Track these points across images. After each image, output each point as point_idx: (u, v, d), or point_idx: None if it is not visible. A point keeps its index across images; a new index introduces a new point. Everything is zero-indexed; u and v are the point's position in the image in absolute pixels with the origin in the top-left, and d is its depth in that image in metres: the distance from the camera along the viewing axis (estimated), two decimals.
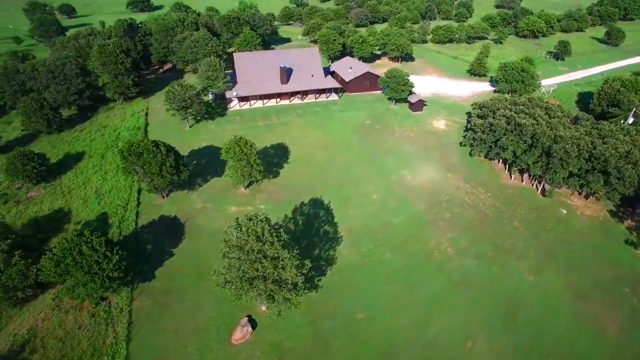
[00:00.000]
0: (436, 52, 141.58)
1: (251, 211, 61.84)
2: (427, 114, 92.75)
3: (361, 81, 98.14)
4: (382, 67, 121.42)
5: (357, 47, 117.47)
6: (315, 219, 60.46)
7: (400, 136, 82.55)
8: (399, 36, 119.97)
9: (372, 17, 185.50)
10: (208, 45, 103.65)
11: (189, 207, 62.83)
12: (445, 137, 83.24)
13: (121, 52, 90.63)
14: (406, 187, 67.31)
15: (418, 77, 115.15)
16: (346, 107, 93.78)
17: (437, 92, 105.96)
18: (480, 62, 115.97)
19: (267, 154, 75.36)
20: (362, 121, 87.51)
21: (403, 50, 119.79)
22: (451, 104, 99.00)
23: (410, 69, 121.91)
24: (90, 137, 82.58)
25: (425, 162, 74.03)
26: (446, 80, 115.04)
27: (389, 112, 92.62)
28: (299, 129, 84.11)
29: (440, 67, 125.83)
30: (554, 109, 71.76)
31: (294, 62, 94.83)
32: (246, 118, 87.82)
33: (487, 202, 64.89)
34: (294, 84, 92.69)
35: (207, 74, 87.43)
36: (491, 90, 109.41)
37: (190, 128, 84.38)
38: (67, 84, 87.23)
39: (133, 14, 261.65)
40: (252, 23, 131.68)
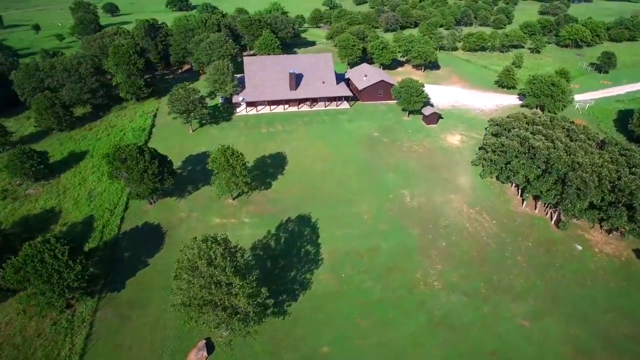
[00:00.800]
0: (465, 61, 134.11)
1: (235, 224, 59.81)
2: (442, 128, 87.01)
3: (375, 90, 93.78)
4: (404, 75, 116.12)
5: (377, 54, 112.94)
6: (298, 238, 57.23)
7: (408, 151, 77.60)
8: (422, 43, 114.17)
9: (403, 21, 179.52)
10: (223, 48, 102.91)
11: (174, 215, 61.45)
12: (457, 154, 77.41)
13: (134, 52, 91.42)
14: (403, 208, 62.61)
15: (440, 87, 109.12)
16: (356, 116, 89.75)
17: (458, 104, 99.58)
18: (509, 73, 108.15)
19: (263, 164, 73.02)
20: (370, 133, 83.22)
21: (426, 58, 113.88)
22: (471, 118, 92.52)
23: (434, 77, 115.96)
24: (97, 136, 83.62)
25: (429, 182, 68.83)
26: (470, 92, 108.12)
27: (401, 124, 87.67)
28: (302, 138, 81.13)
29: (466, 76, 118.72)
30: (577, 131, 64.45)
31: (305, 67, 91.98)
32: (250, 124, 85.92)
33: (491, 230, 59.04)
34: (303, 91, 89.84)
35: (215, 77, 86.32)
36: (518, 104, 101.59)
37: (193, 132, 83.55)
38: (81, 83, 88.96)
39: (171, 13, 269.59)
40: (275, 26, 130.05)
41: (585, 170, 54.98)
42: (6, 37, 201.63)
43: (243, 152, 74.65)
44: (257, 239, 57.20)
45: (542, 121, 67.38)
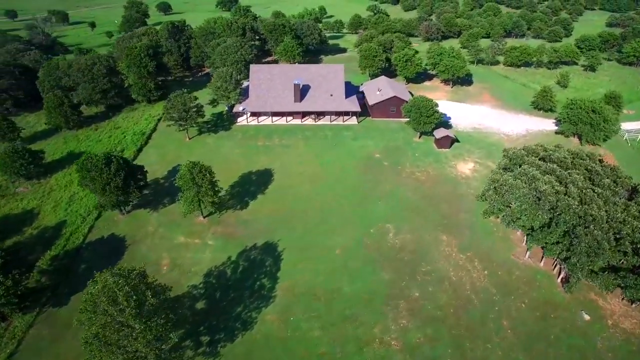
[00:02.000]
0: (503, 77, 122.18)
1: (198, 245, 56.47)
2: (455, 153, 78.36)
3: (387, 106, 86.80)
4: (429, 90, 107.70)
5: (400, 66, 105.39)
6: (257, 268, 52.63)
7: (408, 178, 70.21)
8: (451, 56, 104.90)
9: (446, 31, 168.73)
10: (237, 53, 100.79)
11: (141, 229, 59.28)
12: (463, 186, 68.86)
13: (146, 55, 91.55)
14: (382, 245, 55.87)
15: (465, 106, 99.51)
16: (362, 134, 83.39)
17: (481, 126, 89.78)
18: (546, 94, 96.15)
19: (248, 180, 69.24)
20: (372, 153, 76.62)
21: (454, 73, 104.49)
22: (492, 144, 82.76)
23: (462, 94, 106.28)
24: (99, 137, 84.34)
25: (421, 216, 61.29)
26: (500, 112, 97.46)
27: (409, 145, 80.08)
28: (297, 154, 76.42)
29: (499, 95, 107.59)
30: (601, 173, 53.98)
31: (313, 78, 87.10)
32: (248, 135, 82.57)
33: (479, 283, 50.76)
34: (308, 103, 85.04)
35: (217, 85, 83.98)
36: (553, 130, 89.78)
37: (190, 140, 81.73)
38: (94, 83, 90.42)
39: (221, 13, 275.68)
40: (300, 31, 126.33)
41: (599, 226, 45.33)
42: (67, 34, 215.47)
43: (233, 165, 72.78)
44: (215, 265, 53.41)
45: (559, 158, 57.27)
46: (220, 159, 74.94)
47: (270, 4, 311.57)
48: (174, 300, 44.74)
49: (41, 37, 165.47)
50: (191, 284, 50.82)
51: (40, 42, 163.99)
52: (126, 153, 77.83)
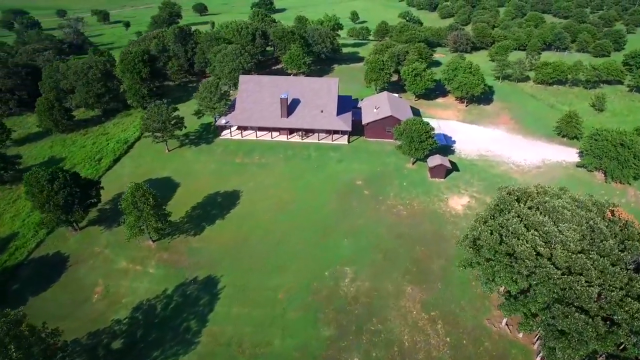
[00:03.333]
0: (529, 96, 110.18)
1: (138, 273, 52.57)
2: (450, 184, 69.67)
3: (382, 126, 79.29)
4: (441, 107, 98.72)
5: (409, 81, 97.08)
6: (191, 306, 47.67)
7: (388, 212, 62.65)
8: (466, 72, 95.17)
9: (477, 42, 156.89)
10: (236, 61, 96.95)
11: (87, 249, 56.20)
12: (450, 225, 60.39)
13: (140, 61, 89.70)
14: (333, 292, 49.09)
15: (477, 128, 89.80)
16: (350, 156, 76.49)
17: (490, 153, 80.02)
18: (571, 120, 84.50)
19: (213, 201, 64.63)
20: (354, 180, 69.61)
21: (468, 91, 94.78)
22: (497, 175, 73.14)
23: (476, 114, 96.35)
24: (84, 143, 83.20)
25: (389, 260, 53.77)
26: (515, 138, 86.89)
27: (399, 172, 72.23)
28: (273, 175, 70.93)
29: (520, 117, 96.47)
30: (605, 232, 44.13)
31: (304, 92, 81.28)
32: (229, 150, 78.14)
33: (436, 354, 42.79)
34: (295, 119, 79.32)
35: (203, 95, 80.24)
36: (575, 162, 78.36)
37: (169, 152, 78.48)
38: (88, 87, 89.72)
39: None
40: (312, 39, 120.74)
41: (586, 305, 36.31)
42: (104, 32, 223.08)
43: (203, 183, 68.56)
44: (148, 297, 49.09)
45: (557, 206, 47.68)
46: (191, 176, 71.14)
47: (305, 7, 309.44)
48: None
49: (72, 37, 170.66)
50: (117, 317, 46.71)
51: (71, 42, 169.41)
52: (103, 162, 76.01)
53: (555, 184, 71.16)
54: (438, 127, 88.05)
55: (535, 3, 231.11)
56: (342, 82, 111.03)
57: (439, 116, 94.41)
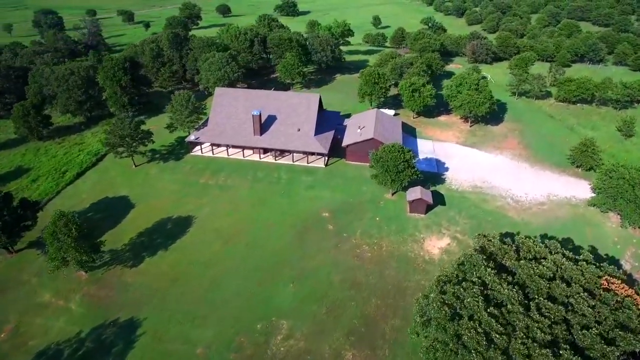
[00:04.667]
0: (547, 116, 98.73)
1: (58, 308, 48.35)
2: (431, 222, 61.13)
3: (364, 149, 71.49)
4: (443, 128, 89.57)
5: (406, 96, 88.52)
6: (98, 356, 42.20)
7: (349, 253, 55.08)
8: (472, 89, 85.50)
9: (500, 52, 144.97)
10: (221, 70, 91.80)
11: (15, 276, 52.22)
12: (419, 274, 52.14)
13: (120, 69, 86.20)
14: (257, 352, 42.21)
15: (477, 153, 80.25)
16: (322, 182, 69.22)
17: (485, 184, 70.54)
18: (587, 148, 73.50)
19: (162, 228, 59.45)
20: (320, 211, 62.43)
21: (471, 110, 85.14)
22: (489, 212, 63.88)
23: (480, 136, 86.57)
24: (56, 152, 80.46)
25: (333, 315, 46.28)
26: (521, 167, 76.70)
27: (374, 204, 64.32)
28: (234, 200, 64.88)
29: (530, 141, 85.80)
30: (589, 316, 34.81)
31: (281, 108, 74.82)
32: (195, 169, 72.82)
33: None
34: (269, 138, 72.97)
35: (174, 108, 75.48)
36: (587, 199, 67.65)
37: (135, 167, 74.13)
38: (68, 94, 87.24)
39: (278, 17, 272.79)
40: (312, 47, 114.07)
41: None
42: (125, 33, 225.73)
43: (158, 206, 63.52)
44: (59, 340, 44.33)
45: (534, 275, 38.64)
46: (150, 196, 66.34)
47: (330, 10, 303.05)
48: None
49: (88, 38, 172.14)
50: None
51: (86, 42, 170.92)
52: (67, 175, 72.67)
53: (558, 227, 61.50)
54: (432, 150, 79.28)
55: (572, 10, 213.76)
56: (339, 95, 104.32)
57: (437, 137, 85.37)
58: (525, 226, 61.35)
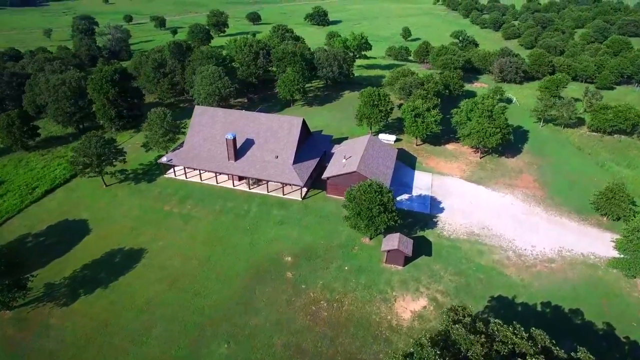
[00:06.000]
0: (574, 148, 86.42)
1: None
2: (408, 277, 52.33)
3: (346, 182, 63.49)
4: (449, 158, 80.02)
5: (408, 122, 79.67)
6: None
7: (303, 309, 47.38)
8: (483, 116, 75.42)
9: (533, 71, 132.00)
10: (213, 85, 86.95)
11: None
12: (377, 344, 43.63)
13: (107, 82, 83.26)
14: None
15: (482, 190, 70.31)
16: (294, 218, 61.83)
17: (484, 231, 60.62)
18: (614, 195, 61.81)
19: (109, 261, 54.64)
20: (283, 254, 55.13)
21: (480, 141, 75.05)
22: (483, 268, 54.16)
23: (490, 171, 76.34)
24: (34, 165, 78.28)
25: None
26: (533, 211, 65.92)
27: (346, 250, 56.19)
28: (193, 234, 58.95)
29: (550, 178, 74.45)
30: None
31: (261, 132, 68.45)
32: (164, 194, 67.71)
33: None
34: (244, 164, 66.69)
35: (149, 126, 71.04)
36: (609, 258, 56.25)
37: (106, 187, 70.15)
38: (57, 105, 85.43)
39: (307, 26, 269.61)
40: (318, 62, 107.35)
41: None
42: (154, 39, 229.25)
43: (113, 234, 59.12)
44: None
45: None
46: (110, 221, 61.87)
47: (362, 19, 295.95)
48: None
49: (111, 44, 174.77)
50: None
51: (110, 48, 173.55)
52: (37, 191, 69.78)
53: (566, 293, 51.03)
54: (429, 185, 70.03)
55: (623, 24, 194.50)
56: (340, 114, 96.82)
57: (439, 169, 75.89)
58: (524, 289, 51.29)
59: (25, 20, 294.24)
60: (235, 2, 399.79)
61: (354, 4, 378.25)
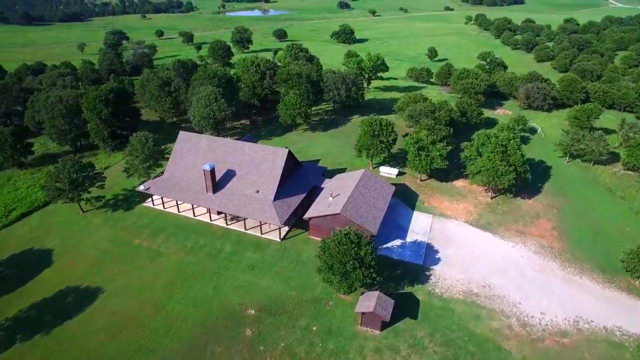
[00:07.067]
0: (605, 191, 75.89)
1: None
2: (386, 343, 44.80)
3: (329, 224, 56.96)
4: (456, 197, 72.01)
5: (411, 155, 72.34)
6: None
7: None
8: (496, 152, 67.02)
9: (562, 97, 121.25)
10: (207, 108, 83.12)
11: None
12: None
13: (100, 101, 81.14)
14: None
15: (492, 239, 61.82)
16: (268, 262, 55.47)
17: (486, 291, 52.12)
18: None
19: (60, 300, 50.77)
20: (247, 306, 48.93)
21: (489, 181, 66.62)
22: (478, 338, 45.81)
23: (500, 214, 67.68)
24: (21, 184, 76.59)
25: None
26: (547, 266, 56.71)
27: (318, 305, 49.30)
28: (155, 275, 53.90)
29: (571, 228, 64.69)
30: None
31: (243, 163, 63.24)
32: (137, 225, 63.46)
33: None
34: (222, 198, 61.46)
35: (131, 151, 67.50)
36: (635, 335, 46.48)
37: (83, 213, 66.87)
38: (52, 122, 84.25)
39: (333, 44, 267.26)
40: (325, 84, 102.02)
41: None
42: (179, 54, 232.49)
43: (76, 268, 56.07)
44: None
45: None
46: (75, 253, 58.36)
47: (390, 38, 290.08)
48: None
49: (134, 59, 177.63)
50: None
51: (133, 63, 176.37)
52: (13, 214, 67.59)
53: None
54: (427, 230, 62.23)
55: None
56: (344, 141, 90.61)
57: (442, 210, 67.83)
58: None
59: (70, 35, 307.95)
60: (269, 19, 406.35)
61: (385, 22, 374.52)
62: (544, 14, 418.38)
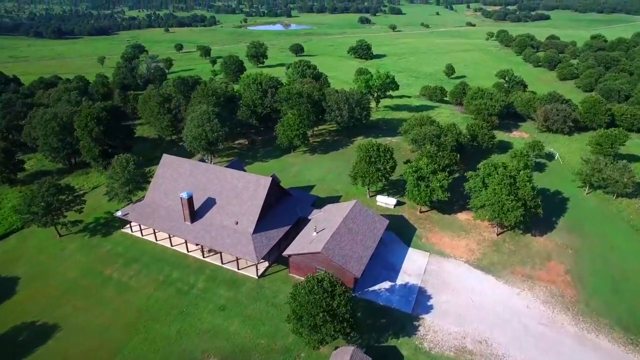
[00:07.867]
0: (629, 228, 67.97)
1: None
2: None
3: (310, 262, 52.00)
4: (459, 233, 65.81)
5: (410, 185, 66.69)
6: None
7: None
8: (502, 184, 60.69)
9: (584, 119, 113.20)
10: (199, 128, 79.97)
11: None
12: None
13: (92, 119, 79.19)
14: None
15: (494, 283, 55.27)
16: (240, 303, 50.63)
17: (482, 350, 45.63)
18: None
19: (12, 337, 46.96)
20: (206, 354, 44.16)
21: (494, 216, 60.20)
22: None
23: (508, 253, 61.03)
24: (3, 204, 74.89)
25: None
26: (556, 319, 49.75)
27: (288, 357, 44.01)
28: (119, 312, 49.88)
29: (587, 273, 57.33)
30: None
31: (224, 191, 59.11)
32: (112, 253, 59.96)
33: None
34: (199, 228, 57.30)
35: (111, 174, 64.56)
36: None
37: (60, 237, 64.00)
38: (44, 139, 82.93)
39: (350, 60, 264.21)
40: (327, 104, 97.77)
41: None
42: (195, 68, 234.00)
43: (40, 299, 53.51)
44: None
45: None
46: (42, 281, 55.51)
47: (408, 54, 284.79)
48: None
49: (148, 73, 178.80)
50: None
51: (146, 77, 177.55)
52: None
53: None
54: (421, 271, 56.21)
55: None
56: (343, 165, 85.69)
57: (440, 247, 61.66)
58: None
59: (95, 48, 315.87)
60: (289, 33, 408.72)
61: (405, 37, 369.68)
62: (569, 29, 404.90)
